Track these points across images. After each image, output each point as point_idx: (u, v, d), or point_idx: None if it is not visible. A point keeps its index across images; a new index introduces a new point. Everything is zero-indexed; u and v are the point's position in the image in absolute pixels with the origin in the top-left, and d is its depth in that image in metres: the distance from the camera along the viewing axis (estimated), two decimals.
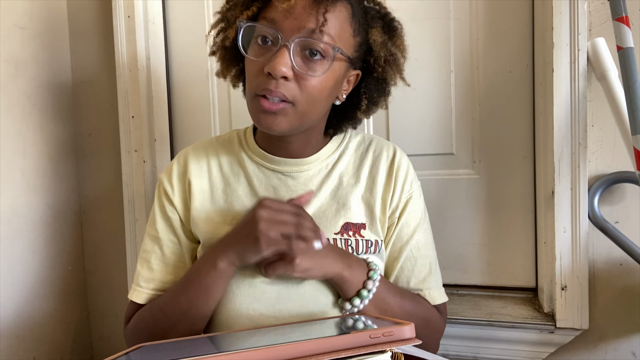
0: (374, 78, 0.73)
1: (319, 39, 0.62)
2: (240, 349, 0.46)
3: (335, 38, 0.64)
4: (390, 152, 0.77)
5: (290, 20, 0.62)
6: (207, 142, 0.80)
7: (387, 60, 0.70)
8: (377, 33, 0.68)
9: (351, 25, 0.65)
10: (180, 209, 0.75)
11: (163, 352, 0.54)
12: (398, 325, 0.48)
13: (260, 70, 0.64)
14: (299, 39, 0.62)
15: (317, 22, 0.62)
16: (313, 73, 0.64)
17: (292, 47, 0.62)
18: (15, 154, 1.05)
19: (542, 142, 0.93)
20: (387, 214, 0.74)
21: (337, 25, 0.63)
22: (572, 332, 0.90)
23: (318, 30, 0.62)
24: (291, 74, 0.63)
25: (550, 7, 0.86)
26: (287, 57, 0.62)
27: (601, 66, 0.83)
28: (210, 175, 0.76)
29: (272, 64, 0.61)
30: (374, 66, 0.71)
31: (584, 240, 0.88)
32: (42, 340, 1.11)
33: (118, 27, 1.11)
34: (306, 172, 0.74)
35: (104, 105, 1.18)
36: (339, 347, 0.46)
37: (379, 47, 0.69)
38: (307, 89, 0.64)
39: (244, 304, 0.68)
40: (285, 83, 0.63)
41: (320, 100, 0.67)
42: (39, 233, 1.11)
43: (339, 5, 0.64)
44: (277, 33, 0.62)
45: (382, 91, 0.75)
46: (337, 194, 0.74)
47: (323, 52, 0.63)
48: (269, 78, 0.63)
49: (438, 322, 0.76)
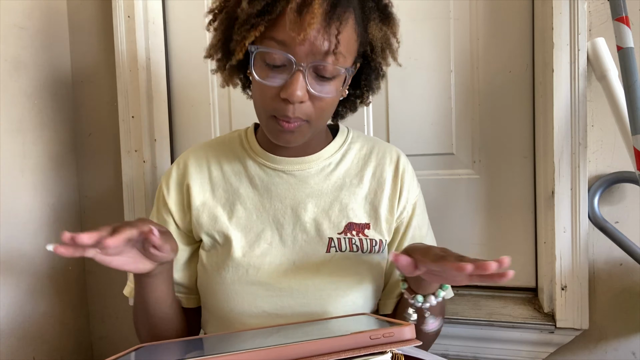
0: (371, 67, 0.72)
1: (334, 62, 0.62)
2: (241, 349, 0.46)
3: (345, 54, 0.63)
4: (394, 155, 0.77)
5: (303, 45, 0.60)
6: (208, 143, 0.80)
7: (384, 49, 0.70)
8: (375, 26, 0.67)
9: (355, 31, 0.64)
10: (176, 213, 0.76)
11: (163, 353, 0.54)
12: (398, 326, 0.49)
13: (274, 95, 0.63)
14: (313, 64, 0.61)
15: (329, 44, 0.60)
16: (327, 94, 0.64)
17: (306, 71, 0.61)
18: (15, 154, 1.05)
19: (542, 142, 0.93)
20: (395, 215, 0.74)
21: (346, 40, 0.62)
22: (572, 332, 0.90)
23: (332, 53, 0.61)
24: (307, 98, 0.63)
25: (550, 7, 0.86)
26: (303, 82, 0.61)
27: (601, 66, 0.83)
28: (211, 175, 0.76)
29: (290, 91, 0.61)
30: (371, 56, 0.70)
31: (584, 240, 0.88)
32: (42, 340, 1.11)
33: (118, 27, 1.11)
34: (307, 170, 0.74)
35: (104, 105, 1.18)
36: (339, 348, 0.46)
37: (377, 40, 0.68)
38: (321, 107, 0.65)
39: (246, 302, 0.69)
40: (300, 106, 0.63)
41: (331, 110, 0.69)
42: (39, 233, 1.11)
43: (348, 16, 0.62)
44: (291, 58, 0.60)
45: (378, 75, 0.75)
46: (340, 194, 0.74)
47: (335, 74, 0.63)
48: (286, 103, 0.62)
49: None
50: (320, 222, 0.72)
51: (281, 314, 0.68)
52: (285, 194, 0.73)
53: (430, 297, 0.65)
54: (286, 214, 0.72)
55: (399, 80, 1.04)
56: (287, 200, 0.73)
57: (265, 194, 0.74)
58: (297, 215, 0.72)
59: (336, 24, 0.60)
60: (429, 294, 0.66)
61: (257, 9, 0.60)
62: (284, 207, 0.73)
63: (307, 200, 0.73)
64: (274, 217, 0.72)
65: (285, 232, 0.72)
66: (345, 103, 0.78)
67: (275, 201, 0.73)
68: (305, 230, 0.72)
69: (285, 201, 0.73)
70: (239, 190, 0.74)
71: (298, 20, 0.58)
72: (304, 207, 0.72)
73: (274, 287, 0.69)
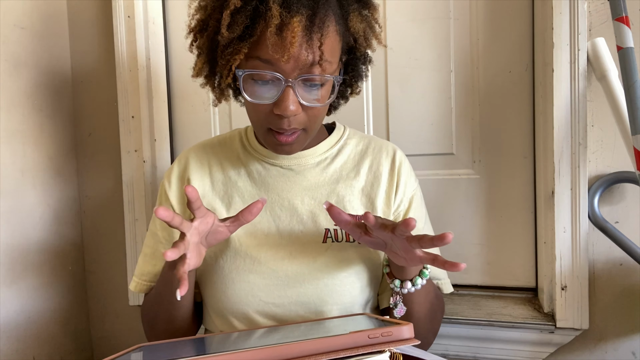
0: (357, 57, 0.73)
1: (320, 72, 0.62)
2: (238, 349, 0.46)
3: (331, 59, 0.63)
4: (390, 150, 0.79)
5: (288, 63, 0.60)
6: (208, 141, 0.83)
7: (367, 37, 0.70)
8: (356, 18, 0.66)
9: (338, 33, 0.64)
10: (177, 206, 0.77)
11: (162, 352, 0.54)
12: (397, 326, 0.49)
13: (268, 111, 0.64)
14: (301, 77, 0.62)
15: (314, 56, 0.61)
16: (318, 102, 0.65)
17: (295, 85, 0.62)
18: (15, 154, 1.05)
19: (542, 142, 0.93)
20: (392, 208, 0.76)
21: (329, 47, 0.62)
22: (572, 332, 0.90)
23: (317, 64, 0.61)
24: (300, 110, 0.64)
25: (550, 7, 0.86)
26: (294, 96, 0.62)
27: (601, 66, 0.83)
28: (211, 170, 0.78)
29: (282, 107, 0.62)
30: (356, 47, 0.70)
31: (584, 240, 0.88)
32: (42, 340, 1.11)
33: (118, 27, 1.11)
34: (305, 164, 0.76)
35: (104, 105, 1.18)
36: (338, 347, 0.46)
37: (359, 30, 0.68)
38: (315, 114, 0.67)
39: (243, 291, 0.70)
40: (295, 117, 0.64)
41: (324, 114, 0.71)
42: (39, 233, 1.11)
43: (328, 24, 0.61)
44: (278, 75, 0.61)
45: (365, 61, 0.75)
46: (337, 187, 0.75)
47: (323, 82, 0.64)
48: (280, 117, 0.64)
49: (444, 307, 0.82)
50: (316, 214, 0.73)
51: (278, 303, 0.70)
52: (282, 187, 0.75)
53: (407, 283, 0.67)
54: (283, 205, 0.74)
55: (399, 80, 1.04)
56: (284, 192, 0.75)
57: (262, 187, 0.76)
58: (294, 207, 0.74)
59: (317, 35, 0.60)
60: (407, 279, 0.67)
61: (237, 34, 0.61)
62: (280, 200, 0.74)
63: (304, 193, 0.75)
64: (271, 209, 0.74)
65: (282, 223, 0.73)
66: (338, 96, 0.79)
67: (273, 194, 0.75)
68: (302, 221, 0.73)
69: (282, 194, 0.75)
70: (238, 183, 0.76)
71: (279, 42, 0.59)
72: (300, 200, 0.74)
73: (271, 277, 0.70)
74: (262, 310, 0.70)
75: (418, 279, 0.67)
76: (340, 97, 0.80)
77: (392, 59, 1.04)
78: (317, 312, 0.70)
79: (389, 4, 1.03)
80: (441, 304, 0.79)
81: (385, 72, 1.05)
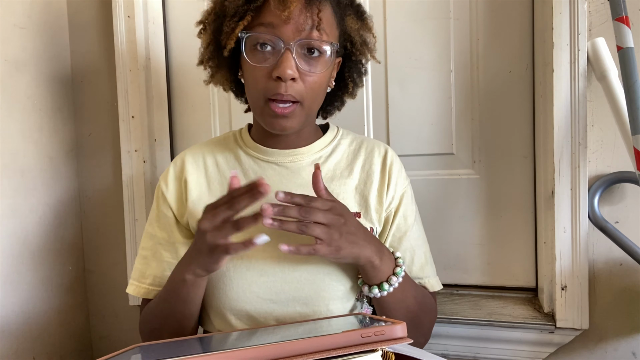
0: (353, 61, 0.78)
1: (318, 37, 0.67)
2: (230, 348, 0.46)
3: (328, 31, 0.68)
4: (382, 149, 0.81)
5: (288, 25, 0.65)
6: (204, 143, 0.84)
7: (362, 44, 0.76)
8: (352, 21, 0.73)
9: (334, 18, 0.70)
10: (175, 206, 0.78)
11: (158, 352, 0.54)
12: (389, 325, 0.49)
13: (267, 75, 0.67)
14: (300, 41, 0.66)
15: (312, 22, 0.66)
16: (315, 70, 0.68)
17: (294, 49, 0.66)
18: (15, 154, 1.05)
19: (542, 142, 0.93)
20: (384, 205, 0.77)
21: (326, 22, 0.68)
22: (572, 332, 0.90)
23: (315, 30, 0.66)
24: (297, 75, 0.67)
25: (550, 7, 0.86)
26: (292, 60, 0.66)
27: (601, 66, 0.83)
28: (207, 170, 0.79)
29: (280, 69, 0.65)
30: (352, 51, 0.76)
31: (584, 240, 0.88)
32: (42, 340, 1.11)
33: (118, 27, 1.11)
34: (299, 162, 0.77)
35: (104, 105, 1.18)
36: (330, 346, 0.46)
37: (355, 33, 0.74)
38: (311, 86, 0.69)
39: (240, 288, 0.71)
40: (292, 84, 0.67)
41: (320, 93, 0.72)
42: (39, 233, 1.11)
43: (324, 4, 0.68)
44: (279, 39, 0.66)
45: (361, 71, 0.81)
46: (331, 185, 0.76)
47: (320, 49, 0.68)
48: (278, 82, 0.66)
49: (435, 308, 0.81)
50: None
51: (275, 299, 0.70)
52: (277, 185, 0.75)
53: (374, 288, 0.69)
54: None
55: (399, 80, 1.04)
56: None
57: None
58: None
59: (316, 3, 0.66)
60: (373, 284, 0.69)
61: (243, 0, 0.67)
62: None
63: (299, 191, 0.74)
64: None
65: None
66: (332, 99, 0.83)
67: None
68: None
69: None
70: None
71: (281, 3, 0.64)
72: None
73: (267, 273, 0.71)
74: (259, 307, 0.70)
75: (385, 285, 0.68)
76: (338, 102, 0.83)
77: (392, 59, 1.04)
78: (314, 307, 0.71)
79: (389, 4, 1.03)
80: (427, 308, 0.77)
81: (385, 72, 1.05)
